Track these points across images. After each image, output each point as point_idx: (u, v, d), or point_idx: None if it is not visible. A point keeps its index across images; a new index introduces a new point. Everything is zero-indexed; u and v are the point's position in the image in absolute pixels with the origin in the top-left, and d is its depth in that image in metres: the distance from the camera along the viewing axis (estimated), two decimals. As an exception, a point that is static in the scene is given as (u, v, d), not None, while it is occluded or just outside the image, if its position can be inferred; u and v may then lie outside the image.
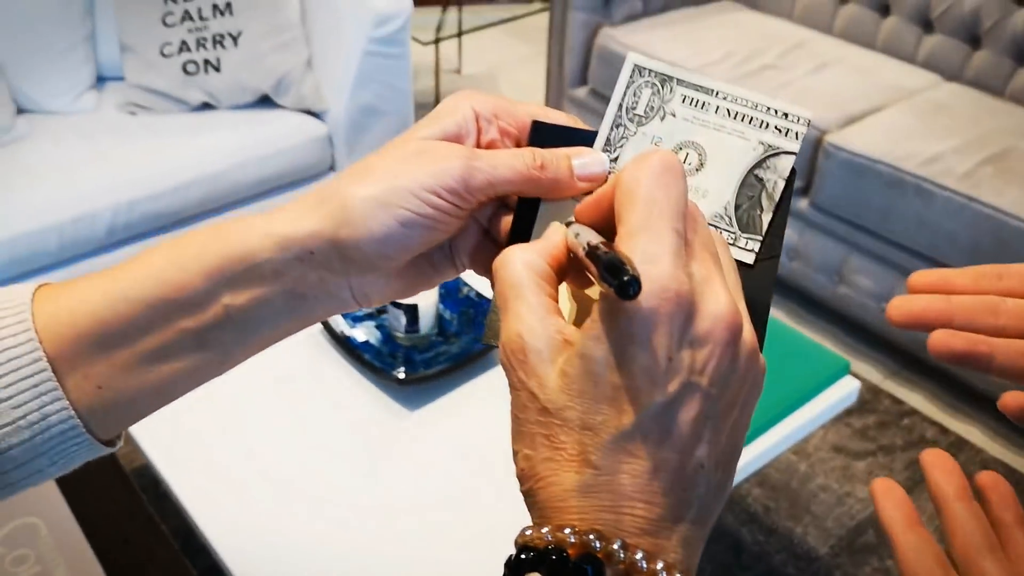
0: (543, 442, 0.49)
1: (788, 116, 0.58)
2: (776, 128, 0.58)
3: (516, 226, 0.61)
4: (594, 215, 0.54)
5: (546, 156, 0.59)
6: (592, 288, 0.56)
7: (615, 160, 0.61)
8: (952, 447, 2.80)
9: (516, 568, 0.47)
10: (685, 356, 0.47)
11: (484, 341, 0.61)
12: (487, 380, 2.03)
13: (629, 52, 0.61)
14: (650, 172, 0.50)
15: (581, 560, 0.46)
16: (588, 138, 0.61)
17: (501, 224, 0.62)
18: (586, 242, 0.50)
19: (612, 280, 0.44)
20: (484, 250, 0.63)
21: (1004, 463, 2.77)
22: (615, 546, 0.46)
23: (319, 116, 3.30)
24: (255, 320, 0.60)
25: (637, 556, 0.46)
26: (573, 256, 0.54)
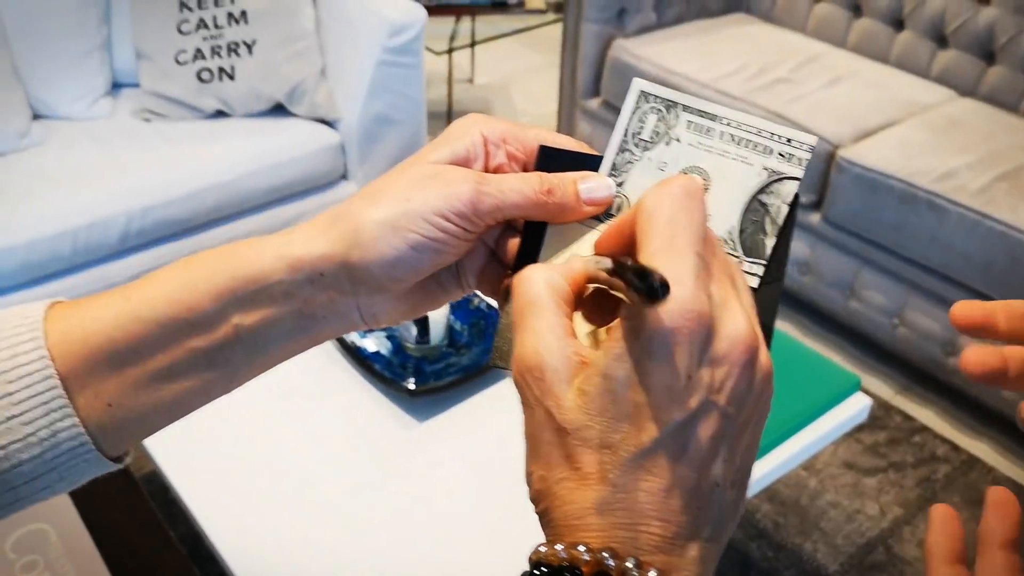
0: (559, 462, 0.49)
1: (792, 142, 0.58)
2: (780, 154, 0.58)
3: (523, 249, 0.61)
4: (615, 243, 0.54)
5: (553, 181, 0.59)
6: (607, 324, 0.56)
7: (621, 185, 0.61)
8: (963, 465, 2.79)
9: None
10: (704, 375, 0.47)
11: (492, 363, 0.61)
12: (497, 392, 2.02)
13: (635, 78, 0.62)
14: (672, 197, 0.50)
15: None
16: (594, 163, 0.62)
17: (508, 246, 0.63)
18: (609, 264, 0.50)
19: (641, 285, 0.44)
20: (490, 271, 0.64)
21: (1015, 481, 2.76)
22: (629, 564, 0.46)
23: (332, 125, 3.31)
24: (264, 340, 0.60)
25: (651, 574, 0.46)
26: (591, 292, 0.55)
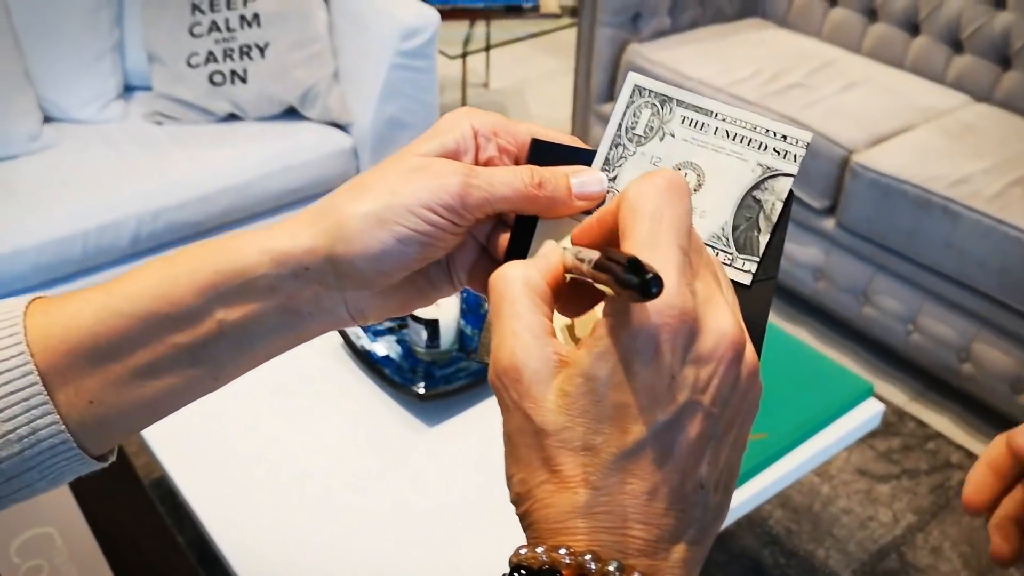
0: (539, 465, 0.48)
1: (787, 138, 0.58)
2: (775, 150, 0.58)
3: (513, 244, 0.61)
4: (595, 235, 0.54)
5: (544, 174, 0.58)
6: (585, 316, 0.56)
7: (614, 179, 0.60)
8: (977, 472, 2.77)
9: None
10: (688, 374, 0.47)
11: (478, 359, 0.61)
12: (507, 397, 2.01)
13: (630, 72, 0.61)
14: (656, 189, 0.49)
15: None
16: (587, 157, 0.61)
17: (499, 241, 0.62)
18: (593, 256, 0.49)
19: (634, 279, 0.43)
20: (482, 267, 0.63)
21: (1029, 489, 2.74)
22: (611, 567, 0.45)
23: (345, 128, 3.31)
24: (249, 336, 0.59)
25: None
26: (568, 282, 0.54)
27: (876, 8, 3.76)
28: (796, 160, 0.58)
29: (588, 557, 0.45)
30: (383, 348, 2.10)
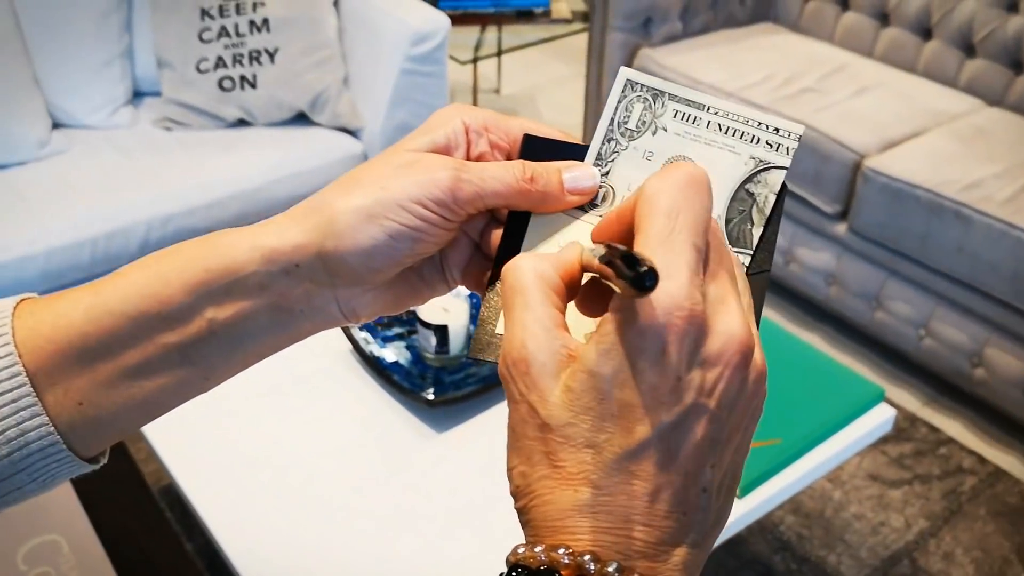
0: (541, 459, 0.48)
1: (779, 131, 0.58)
2: (767, 143, 0.58)
3: (506, 240, 0.60)
4: (615, 231, 0.53)
5: (536, 169, 0.58)
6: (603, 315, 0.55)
7: (606, 174, 0.60)
8: (989, 477, 2.76)
9: None
10: (695, 376, 0.46)
11: (470, 356, 0.60)
12: (516, 402, 2.01)
13: (622, 67, 0.61)
14: (675, 185, 0.48)
15: None
16: (580, 152, 0.60)
17: (492, 238, 0.61)
18: (603, 251, 0.48)
19: (628, 273, 0.43)
20: (475, 265, 0.63)
21: (1043, 495, 2.73)
22: (610, 568, 0.44)
23: (355, 134, 3.31)
24: (240, 335, 0.58)
25: None
26: (587, 283, 0.53)
27: (888, 12, 3.75)
28: (788, 152, 0.57)
29: (587, 558, 0.45)
30: (392, 354, 2.09)
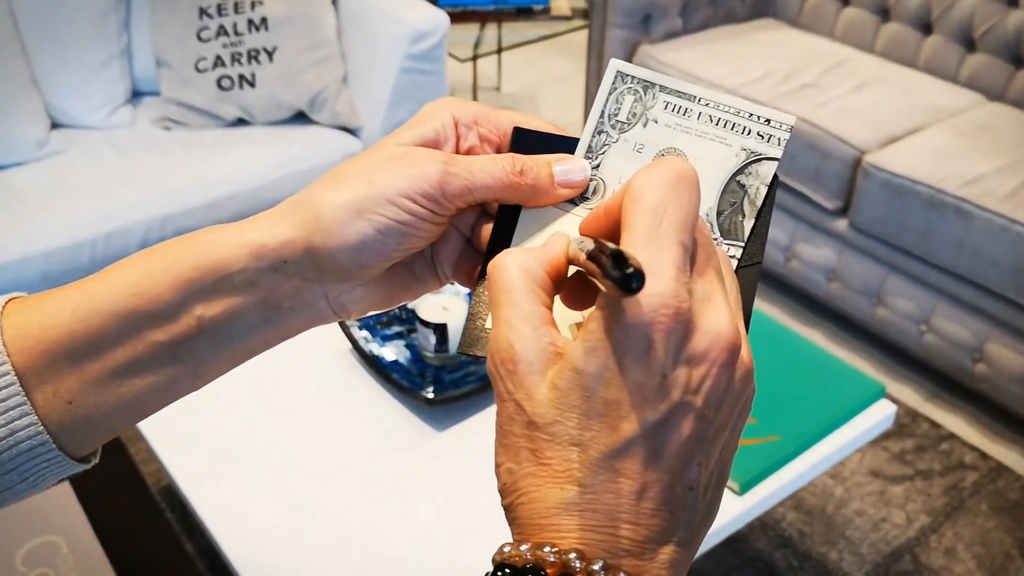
0: (527, 456, 0.47)
1: (771, 122, 0.57)
2: (759, 134, 0.57)
3: (496, 234, 0.60)
4: (602, 226, 0.53)
5: (526, 162, 0.58)
6: (591, 309, 0.55)
7: (597, 167, 0.60)
8: (991, 472, 2.76)
9: None
10: (681, 374, 0.46)
11: (460, 350, 0.60)
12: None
13: (611, 59, 0.60)
14: (662, 180, 0.48)
15: None
16: (570, 145, 0.60)
17: (483, 233, 0.61)
18: (590, 247, 0.48)
19: (615, 272, 0.42)
20: (466, 259, 0.62)
21: (1045, 490, 2.73)
22: (596, 567, 0.44)
23: (354, 133, 3.31)
24: (229, 332, 0.58)
25: None
26: (574, 276, 0.53)
27: (888, 7, 3.74)
28: (780, 144, 0.57)
29: (573, 556, 0.44)
30: (392, 353, 2.09)
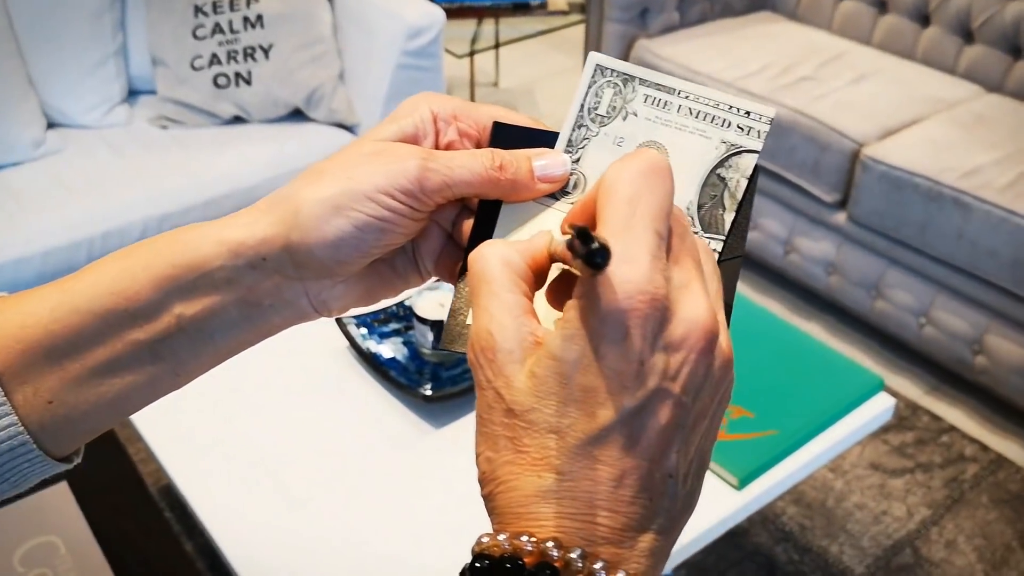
0: (506, 445, 0.47)
1: (751, 114, 0.57)
2: (739, 127, 0.57)
3: (477, 229, 0.60)
4: (581, 221, 0.52)
5: (506, 157, 0.58)
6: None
7: (577, 161, 0.60)
8: (991, 464, 2.76)
9: None
10: (658, 361, 0.45)
11: (442, 346, 0.60)
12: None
13: (591, 52, 0.61)
14: (634, 172, 0.48)
15: (537, 568, 0.44)
16: (550, 139, 0.60)
17: (464, 228, 0.61)
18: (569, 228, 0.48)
19: (581, 249, 0.43)
20: (448, 255, 0.62)
21: (1046, 482, 2.73)
22: (574, 555, 0.44)
23: (351, 130, 3.30)
24: (209, 331, 0.58)
25: (596, 566, 0.44)
26: (557, 276, 0.53)
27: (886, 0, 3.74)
28: (760, 136, 0.57)
29: (551, 544, 0.44)
30: (389, 350, 2.08)
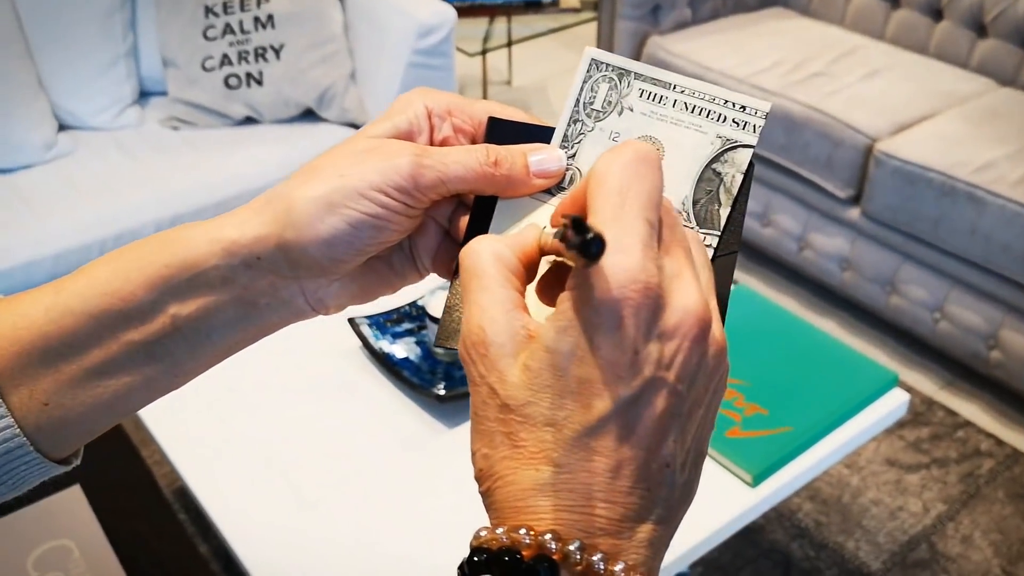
0: (502, 440, 0.47)
1: (746, 109, 0.57)
2: (734, 121, 0.57)
3: (472, 225, 0.59)
4: (569, 214, 0.52)
5: (501, 152, 0.57)
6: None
7: (572, 156, 0.59)
8: (1007, 459, 2.74)
9: (468, 570, 0.46)
10: (652, 350, 0.45)
11: (436, 343, 0.59)
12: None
13: (586, 47, 0.60)
14: (623, 162, 0.48)
15: (535, 561, 0.44)
16: (545, 134, 0.60)
17: (461, 224, 0.60)
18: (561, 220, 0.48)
19: (575, 239, 0.43)
20: (445, 251, 0.62)
21: (1063, 477, 2.71)
22: (572, 547, 0.44)
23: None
24: (205, 331, 0.58)
25: (595, 557, 0.44)
26: (549, 270, 0.53)
27: (898, -6, 3.73)
28: (755, 131, 0.57)
29: (549, 536, 0.44)
30: (402, 350, 2.08)
